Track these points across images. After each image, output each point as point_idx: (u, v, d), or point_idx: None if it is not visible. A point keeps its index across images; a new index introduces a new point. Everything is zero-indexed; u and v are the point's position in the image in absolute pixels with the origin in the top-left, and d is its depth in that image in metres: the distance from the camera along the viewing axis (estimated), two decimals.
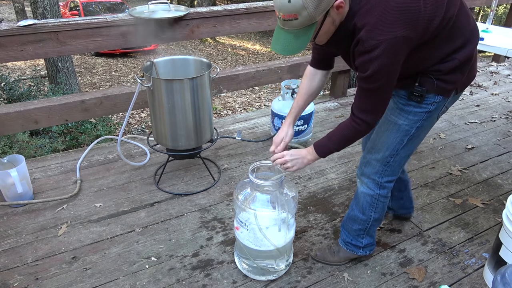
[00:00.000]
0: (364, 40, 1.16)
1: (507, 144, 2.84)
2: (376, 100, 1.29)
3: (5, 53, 2.09)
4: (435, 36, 1.23)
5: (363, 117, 1.30)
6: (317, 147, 1.44)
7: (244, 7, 2.66)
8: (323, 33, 1.24)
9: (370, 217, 1.64)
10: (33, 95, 4.95)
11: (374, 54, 1.15)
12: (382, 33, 1.14)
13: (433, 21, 1.20)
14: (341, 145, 1.40)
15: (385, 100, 1.30)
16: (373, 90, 1.26)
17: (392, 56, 1.17)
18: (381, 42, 1.13)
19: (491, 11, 2.86)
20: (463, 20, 1.28)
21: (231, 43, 13.90)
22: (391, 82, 1.25)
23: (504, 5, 11.51)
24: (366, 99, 1.30)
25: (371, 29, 1.15)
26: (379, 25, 1.15)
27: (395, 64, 1.20)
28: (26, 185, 2.10)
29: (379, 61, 1.16)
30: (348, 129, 1.36)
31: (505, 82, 4.08)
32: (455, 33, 1.27)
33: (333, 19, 1.20)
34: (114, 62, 10.43)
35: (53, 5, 5.71)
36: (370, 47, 1.15)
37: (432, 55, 1.29)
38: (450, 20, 1.24)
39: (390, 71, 1.20)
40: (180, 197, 2.21)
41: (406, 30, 1.15)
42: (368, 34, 1.15)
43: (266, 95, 8.20)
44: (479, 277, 1.72)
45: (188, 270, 1.74)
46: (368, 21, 1.16)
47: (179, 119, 2.07)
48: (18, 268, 1.73)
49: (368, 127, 1.33)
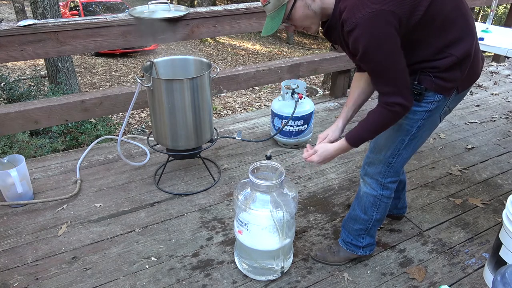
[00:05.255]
0: (346, 20, 1.21)
1: (507, 144, 2.84)
2: (389, 79, 1.26)
3: (5, 53, 2.09)
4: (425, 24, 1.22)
5: (389, 100, 1.28)
6: (349, 138, 1.41)
7: (244, 7, 2.66)
8: (298, 16, 1.33)
9: (372, 217, 1.64)
10: (33, 95, 4.94)
11: (357, 32, 1.18)
12: (359, 10, 1.17)
13: (420, 5, 1.19)
14: (376, 132, 1.38)
15: (398, 75, 1.25)
16: (377, 69, 1.26)
17: (375, 30, 1.17)
18: (360, 18, 1.17)
19: (491, 11, 2.86)
20: (458, 17, 1.28)
21: (231, 43, 13.90)
22: (391, 57, 1.22)
23: (504, 5, 11.51)
24: (379, 81, 1.29)
25: (350, 8, 1.20)
26: (357, 4, 1.19)
27: (382, 37, 1.18)
28: (26, 185, 2.10)
29: (364, 36, 1.18)
30: (381, 116, 1.32)
31: (505, 82, 4.08)
32: (448, 28, 1.27)
33: (306, 3, 1.29)
34: (114, 62, 10.43)
35: (53, 5, 5.71)
36: (352, 25, 1.19)
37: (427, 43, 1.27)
38: (441, 13, 1.23)
39: (381, 46, 1.19)
40: (180, 197, 2.22)
41: (386, 5, 1.16)
42: (348, 13, 1.20)
43: (266, 95, 8.20)
44: (479, 277, 1.72)
45: (188, 270, 1.74)
46: (348, 3, 1.21)
47: (179, 119, 2.07)
48: (18, 268, 1.73)
49: (402, 109, 1.28)
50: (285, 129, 2.62)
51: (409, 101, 1.28)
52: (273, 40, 15.50)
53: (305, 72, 3.20)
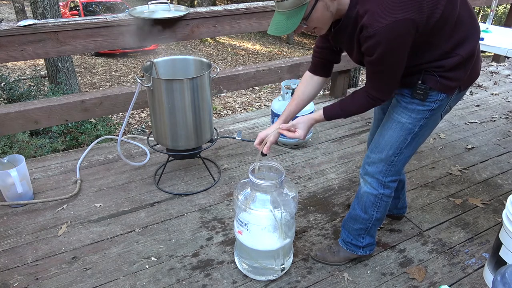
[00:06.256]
0: (367, 26, 1.19)
1: (507, 144, 2.84)
2: (386, 80, 1.32)
3: (5, 53, 2.09)
4: (440, 28, 1.24)
5: (376, 94, 1.36)
6: (325, 110, 1.48)
7: (244, 7, 2.66)
8: (316, 17, 1.26)
9: (372, 217, 1.64)
10: (33, 95, 4.94)
11: (377, 39, 1.18)
12: (383, 18, 1.16)
13: (437, 9, 1.20)
14: (350, 113, 1.45)
15: (395, 79, 1.32)
16: (381, 72, 1.29)
17: (395, 39, 1.19)
18: (383, 27, 1.16)
19: (491, 11, 2.86)
20: (466, 16, 1.30)
21: (231, 43, 13.90)
22: (399, 63, 1.27)
23: (504, 5, 11.52)
24: (376, 80, 1.34)
25: (372, 14, 1.19)
26: (380, 10, 1.18)
27: (400, 46, 1.22)
28: (26, 185, 2.10)
29: (383, 45, 1.19)
30: (360, 99, 1.40)
31: (505, 82, 4.08)
32: (458, 28, 1.28)
33: (326, 4, 1.24)
34: (114, 62, 10.44)
35: (53, 5, 5.71)
36: (373, 31, 1.18)
37: (437, 46, 1.29)
38: (453, 13, 1.24)
39: (396, 53, 1.23)
40: (180, 197, 2.22)
41: (408, 12, 1.16)
42: (370, 20, 1.19)
43: (266, 95, 8.20)
44: (479, 277, 1.72)
45: (188, 270, 1.74)
46: (369, 7, 1.20)
47: (179, 119, 2.07)
48: (18, 268, 1.73)
49: (381, 102, 1.38)
50: None
51: (387, 98, 1.37)
52: (273, 40, 15.50)
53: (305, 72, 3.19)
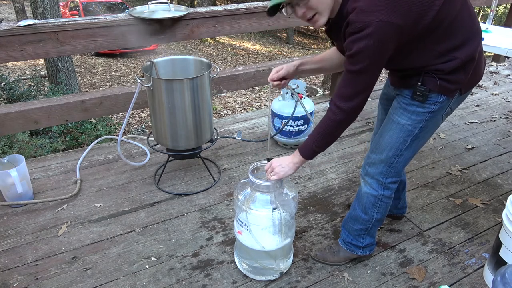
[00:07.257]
0: (352, 22, 1.21)
1: (507, 144, 2.84)
2: (356, 84, 1.29)
3: (5, 53, 2.09)
4: (431, 30, 1.24)
5: (340, 103, 1.31)
6: (300, 149, 1.46)
7: (244, 7, 2.66)
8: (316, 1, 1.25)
9: (373, 217, 1.64)
10: (33, 95, 4.94)
11: (360, 35, 1.19)
12: (368, 17, 1.17)
13: (427, 14, 1.20)
14: (322, 142, 1.41)
15: (364, 88, 1.29)
16: (354, 72, 1.27)
17: (377, 39, 1.19)
18: (367, 24, 1.17)
19: (491, 11, 2.86)
20: (465, 18, 1.29)
21: (231, 43, 13.90)
22: (374, 69, 1.26)
23: (504, 5, 11.51)
24: (347, 83, 1.31)
25: (359, 11, 1.20)
26: (367, 9, 1.19)
27: (380, 48, 1.21)
28: (26, 185, 2.10)
29: (364, 41, 1.19)
30: (325, 123, 1.38)
31: (505, 82, 4.08)
32: (455, 30, 1.27)
33: None
34: (114, 62, 10.43)
35: (53, 5, 5.71)
36: (357, 28, 1.19)
37: (430, 49, 1.29)
38: (449, 16, 1.24)
39: (374, 54, 1.22)
40: (180, 197, 2.22)
41: (394, 17, 1.17)
42: (356, 17, 1.20)
43: (266, 95, 8.20)
44: (479, 277, 1.72)
45: (188, 270, 1.74)
46: (358, 5, 1.21)
47: (179, 119, 2.07)
48: (18, 268, 1.73)
49: (345, 116, 1.33)
50: (285, 129, 2.63)
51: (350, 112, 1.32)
52: (273, 40, 15.51)
53: None
